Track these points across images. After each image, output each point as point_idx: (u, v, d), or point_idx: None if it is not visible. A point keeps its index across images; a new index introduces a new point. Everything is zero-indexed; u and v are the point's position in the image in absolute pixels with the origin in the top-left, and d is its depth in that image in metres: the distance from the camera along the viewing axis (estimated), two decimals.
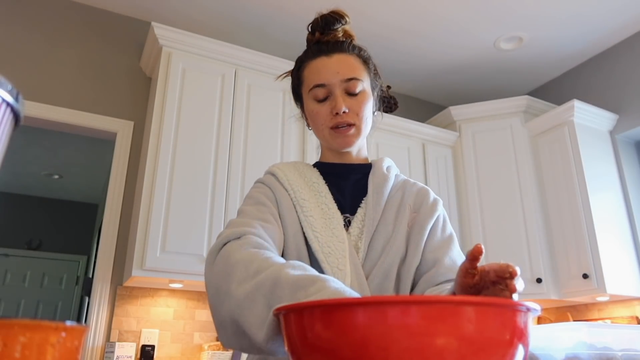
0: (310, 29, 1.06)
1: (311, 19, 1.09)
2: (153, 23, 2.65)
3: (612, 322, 2.95)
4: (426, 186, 1.09)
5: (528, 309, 0.42)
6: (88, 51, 2.91)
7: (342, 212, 0.99)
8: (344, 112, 0.97)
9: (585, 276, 2.88)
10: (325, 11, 1.06)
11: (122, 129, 2.82)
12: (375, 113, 1.09)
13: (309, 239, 0.94)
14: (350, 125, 0.98)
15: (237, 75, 2.81)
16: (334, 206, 0.98)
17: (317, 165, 1.09)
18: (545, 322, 3.07)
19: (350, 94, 0.99)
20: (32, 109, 2.63)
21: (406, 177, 1.11)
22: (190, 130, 2.58)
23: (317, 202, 0.98)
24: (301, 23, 3.14)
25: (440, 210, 1.04)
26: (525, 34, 3.30)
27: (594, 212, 2.96)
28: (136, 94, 2.94)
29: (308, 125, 1.08)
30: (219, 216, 2.51)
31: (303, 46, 1.10)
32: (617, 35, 3.36)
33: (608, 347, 1.17)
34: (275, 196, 0.99)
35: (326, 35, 1.04)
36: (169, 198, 2.43)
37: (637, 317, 2.96)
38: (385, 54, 3.49)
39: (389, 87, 1.21)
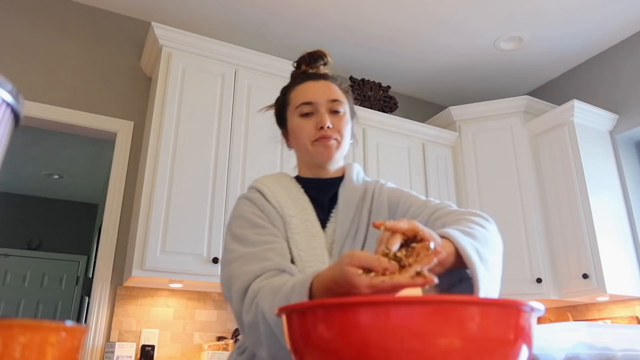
0: (296, 65, 1.17)
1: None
2: (153, 23, 2.65)
3: (612, 322, 2.95)
4: (382, 182, 1.11)
5: (532, 309, 0.42)
6: (88, 51, 2.91)
7: (322, 227, 1.02)
8: (328, 127, 1.03)
9: (585, 276, 2.88)
10: (310, 50, 1.17)
11: (122, 129, 2.82)
12: (351, 142, 1.14)
13: (293, 257, 0.96)
14: (330, 139, 1.04)
15: (237, 75, 2.81)
16: (317, 224, 1.01)
17: (297, 179, 1.12)
18: (545, 322, 3.07)
19: (334, 112, 1.06)
20: (32, 109, 2.63)
21: (370, 180, 1.13)
22: (190, 130, 2.58)
23: (302, 218, 1.01)
24: (301, 23, 3.13)
25: (387, 192, 1.07)
26: (525, 34, 3.30)
27: (594, 212, 2.96)
28: (136, 94, 2.94)
29: (288, 145, 1.15)
30: (219, 216, 2.51)
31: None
32: (617, 35, 3.36)
33: (608, 347, 1.17)
34: (267, 216, 1.01)
35: (311, 68, 1.14)
36: (169, 198, 2.42)
37: (637, 317, 2.96)
38: (385, 54, 3.49)
39: (388, 87, 1.28)
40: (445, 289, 0.76)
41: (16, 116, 0.33)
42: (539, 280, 3.01)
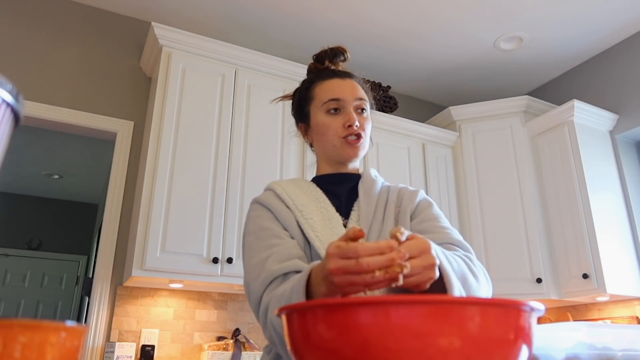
0: (316, 58, 1.19)
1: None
2: (153, 23, 2.65)
3: (612, 322, 2.95)
4: (408, 186, 1.17)
5: (532, 309, 0.42)
6: (88, 51, 2.91)
7: (346, 217, 1.05)
8: (356, 125, 1.06)
9: (585, 276, 2.88)
10: (331, 45, 1.21)
11: (122, 129, 2.82)
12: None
13: (310, 239, 0.97)
14: (359, 137, 1.07)
15: (237, 75, 2.81)
16: (332, 209, 1.04)
17: (313, 179, 1.15)
18: (545, 322, 3.07)
19: (359, 111, 1.10)
20: (32, 109, 2.63)
21: (390, 184, 1.18)
22: (190, 130, 2.58)
23: (316, 206, 1.04)
24: (302, 23, 3.13)
25: (421, 197, 1.11)
26: (525, 34, 3.30)
27: (594, 212, 2.96)
28: (136, 94, 2.94)
29: (307, 140, 1.17)
30: (219, 216, 2.51)
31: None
32: (617, 35, 3.36)
33: (608, 347, 1.17)
34: (274, 214, 1.03)
35: (333, 64, 1.18)
36: (169, 198, 2.42)
37: (637, 317, 2.96)
38: (385, 54, 3.49)
39: (389, 87, 1.30)
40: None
41: (16, 116, 0.33)
42: (539, 280, 3.01)
